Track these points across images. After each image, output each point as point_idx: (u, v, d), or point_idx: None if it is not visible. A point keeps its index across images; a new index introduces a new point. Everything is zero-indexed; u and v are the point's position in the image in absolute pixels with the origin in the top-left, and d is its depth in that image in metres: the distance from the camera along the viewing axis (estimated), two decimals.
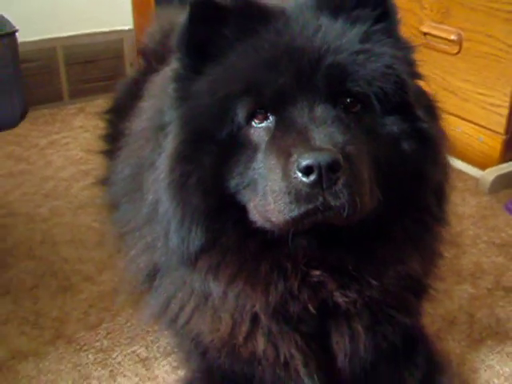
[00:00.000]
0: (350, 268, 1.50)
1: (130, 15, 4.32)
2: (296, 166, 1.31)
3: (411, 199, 1.53)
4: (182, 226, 1.50)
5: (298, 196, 1.32)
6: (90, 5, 4.13)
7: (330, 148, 1.31)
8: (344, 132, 1.38)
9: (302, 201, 1.32)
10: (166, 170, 1.50)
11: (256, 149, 1.44)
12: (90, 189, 3.07)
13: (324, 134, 1.35)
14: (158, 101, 1.71)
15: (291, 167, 1.32)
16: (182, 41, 1.51)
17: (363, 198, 1.35)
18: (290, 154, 1.33)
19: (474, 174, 3.26)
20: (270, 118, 1.44)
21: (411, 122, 1.49)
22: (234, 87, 1.44)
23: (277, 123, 1.43)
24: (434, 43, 3.38)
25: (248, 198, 1.45)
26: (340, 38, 1.47)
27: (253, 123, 1.45)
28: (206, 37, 1.48)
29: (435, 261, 1.80)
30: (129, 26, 4.35)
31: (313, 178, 1.29)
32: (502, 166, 3.18)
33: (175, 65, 1.55)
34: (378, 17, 1.53)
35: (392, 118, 1.48)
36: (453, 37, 3.26)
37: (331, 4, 1.52)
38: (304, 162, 1.29)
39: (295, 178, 1.31)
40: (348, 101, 1.45)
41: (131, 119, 1.98)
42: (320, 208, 1.33)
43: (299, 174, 1.31)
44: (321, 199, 1.31)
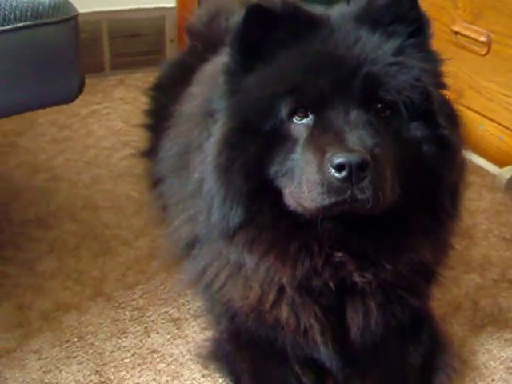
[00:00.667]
0: (369, 252, 1.65)
1: None
2: (330, 162, 1.46)
3: (428, 196, 1.67)
4: (224, 204, 1.66)
5: (330, 188, 1.48)
6: None
7: (361, 150, 1.47)
8: (373, 135, 1.53)
9: (332, 192, 1.48)
10: (213, 153, 1.66)
11: (295, 142, 1.59)
12: (129, 159, 3.23)
13: (356, 136, 1.51)
14: (208, 89, 1.87)
15: (326, 163, 1.47)
16: (235, 40, 1.65)
17: (385, 193, 1.51)
18: (325, 151, 1.49)
19: (492, 170, 3.36)
20: (310, 116, 1.59)
21: (433, 129, 1.64)
22: (279, 87, 1.60)
23: (315, 122, 1.58)
24: (464, 42, 3.47)
25: (285, 184, 1.61)
26: (376, 50, 1.61)
27: (294, 119, 1.60)
28: (257, 38, 1.63)
29: (446, 251, 1.94)
30: (171, 3, 4.47)
31: (344, 174, 1.45)
32: None
33: (226, 59, 1.70)
34: (412, 32, 1.67)
35: (416, 124, 1.62)
36: (482, 38, 3.34)
37: (371, 18, 1.66)
38: (337, 160, 1.45)
39: (328, 172, 1.47)
40: (379, 106, 1.60)
41: (181, 102, 2.16)
42: (348, 200, 1.49)
43: (332, 170, 1.46)
44: (349, 192, 1.47)
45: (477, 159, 3.43)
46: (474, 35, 3.41)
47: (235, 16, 1.64)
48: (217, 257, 1.86)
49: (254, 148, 1.62)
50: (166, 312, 2.25)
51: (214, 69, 1.91)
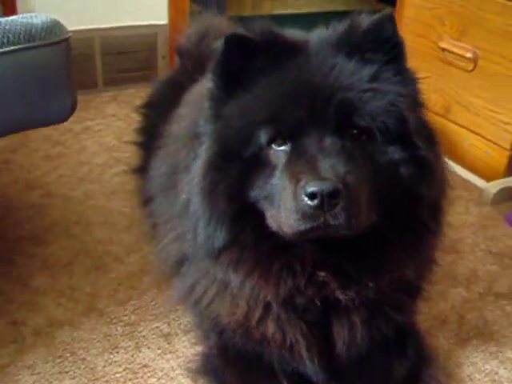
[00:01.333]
0: (351, 271, 1.69)
1: (166, 11, 4.47)
2: (303, 190, 1.50)
3: (407, 215, 1.70)
4: (209, 225, 1.70)
5: (304, 215, 1.52)
6: None
7: (332, 178, 1.50)
8: (347, 162, 1.56)
9: (307, 219, 1.52)
10: (198, 175, 1.71)
11: (274, 168, 1.63)
12: (121, 175, 3.26)
13: (329, 164, 1.54)
14: (194, 111, 1.92)
15: (300, 191, 1.51)
16: (216, 67, 1.69)
17: (359, 218, 1.55)
18: (299, 179, 1.53)
19: (479, 184, 3.42)
20: (288, 143, 1.63)
21: (410, 151, 1.66)
22: (258, 116, 1.64)
23: (292, 149, 1.62)
24: (451, 59, 3.55)
25: (266, 207, 1.65)
26: (352, 76, 1.64)
27: (273, 146, 1.63)
28: (237, 67, 1.66)
29: (430, 267, 1.99)
30: (163, 21, 4.49)
31: (316, 202, 1.49)
32: (506, 179, 3.34)
33: (210, 85, 1.74)
34: (390, 57, 1.69)
35: (393, 147, 1.65)
36: (469, 54, 3.42)
37: (348, 45, 1.68)
38: (310, 189, 1.49)
39: (301, 200, 1.51)
40: (354, 132, 1.63)
41: (170, 122, 2.21)
42: (321, 226, 1.53)
43: (305, 198, 1.50)
44: (322, 219, 1.51)
45: (464, 173, 3.49)
46: (460, 52, 3.49)
47: (218, 41, 1.67)
48: (204, 275, 1.90)
49: (236, 172, 1.66)
50: (157, 327, 2.29)
51: (201, 90, 1.95)
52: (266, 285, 1.72)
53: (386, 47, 1.69)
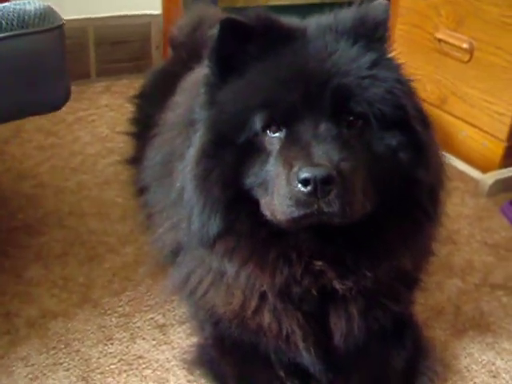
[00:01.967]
0: (348, 260, 1.67)
1: (159, 1, 4.44)
2: (296, 176, 1.49)
3: (406, 201, 1.69)
4: (203, 213, 1.68)
5: (297, 201, 1.51)
6: None
7: (326, 164, 1.49)
8: (342, 148, 1.55)
9: (300, 206, 1.51)
10: (192, 163, 1.69)
11: (269, 155, 1.62)
12: (115, 166, 3.24)
13: (323, 150, 1.53)
14: (190, 99, 1.90)
15: (293, 177, 1.50)
16: (212, 53, 1.68)
17: (353, 206, 1.53)
18: (292, 165, 1.52)
19: (475, 176, 3.41)
20: (283, 129, 1.61)
21: (409, 135, 1.65)
22: (252, 101, 1.63)
23: (286, 135, 1.60)
24: (447, 50, 3.52)
25: (260, 194, 1.63)
26: (351, 63, 1.63)
27: (268, 132, 1.62)
28: (232, 52, 1.65)
29: (426, 257, 1.98)
30: (157, 10, 4.47)
31: (309, 188, 1.48)
32: (501, 170, 3.34)
33: (206, 70, 1.73)
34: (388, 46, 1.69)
35: (391, 133, 1.64)
36: (465, 45, 3.40)
37: (356, 32, 1.67)
38: (302, 175, 1.48)
39: (295, 186, 1.50)
40: (351, 118, 1.62)
41: (165, 111, 2.19)
42: (315, 213, 1.51)
43: (299, 184, 1.49)
44: (316, 206, 1.50)
45: (460, 165, 3.48)
46: (456, 42, 3.47)
47: (213, 29, 1.65)
48: (199, 264, 1.89)
49: (230, 159, 1.65)
50: (152, 318, 2.27)
51: (197, 78, 1.93)
52: (262, 274, 1.71)
53: (386, 35, 1.69)
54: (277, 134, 1.62)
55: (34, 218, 2.81)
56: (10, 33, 1.98)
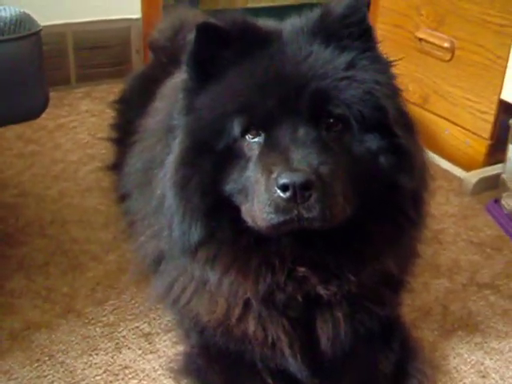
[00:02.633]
0: (331, 265, 1.66)
1: (139, 4, 4.41)
2: (276, 182, 1.48)
3: (388, 206, 1.67)
4: (184, 221, 1.67)
5: (277, 207, 1.50)
6: None
7: (305, 169, 1.48)
8: (321, 152, 1.53)
9: (279, 212, 1.50)
10: (171, 170, 1.67)
11: (248, 160, 1.60)
12: (96, 172, 3.20)
13: (302, 155, 1.51)
14: (169, 104, 1.87)
15: (272, 183, 1.49)
16: (189, 57, 1.66)
17: (333, 210, 1.51)
18: (271, 171, 1.50)
19: (458, 174, 3.42)
20: (262, 134, 1.60)
21: (389, 139, 1.63)
22: (230, 106, 1.61)
23: (265, 140, 1.59)
24: (428, 49, 3.54)
25: (240, 201, 1.62)
26: (326, 65, 1.61)
27: (247, 137, 1.61)
28: (208, 57, 1.63)
29: (411, 259, 1.97)
30: (137, 15, 4.44)
31: (288, 194, 1.46)
32: (485, 169, 3.34)
33: (184, 76, 1.71)
34: (366, 47, 1.66)
35: (371, 136, 1.62)
36: (446, 44, 3.41)
37: (324, 32, 1.65)
38: (281, 181, 1.46)
39: (274, 192, 1.49)
40: (330, 121, 1.60)
41: (145, 117, 2.16)
42: (295, 218, 1.50)
43: (278, 190, 1.48)
44: (295, 212, 1.49)
45: (443, 163, 3.49)
46: (437, 41, 3.49)
47: (192, 33, 1.63)
48: (182, 273, 1.87)
49: (209, 166, 1.63)
50: (137, 327, 2.24)
51: (177, 83, 1.91)
52: (245, 281, 1.69)
53: (360, 32, 1.66)
54: (256, 139, 1.61)
55: (15, 228, 2.77)
56: None
